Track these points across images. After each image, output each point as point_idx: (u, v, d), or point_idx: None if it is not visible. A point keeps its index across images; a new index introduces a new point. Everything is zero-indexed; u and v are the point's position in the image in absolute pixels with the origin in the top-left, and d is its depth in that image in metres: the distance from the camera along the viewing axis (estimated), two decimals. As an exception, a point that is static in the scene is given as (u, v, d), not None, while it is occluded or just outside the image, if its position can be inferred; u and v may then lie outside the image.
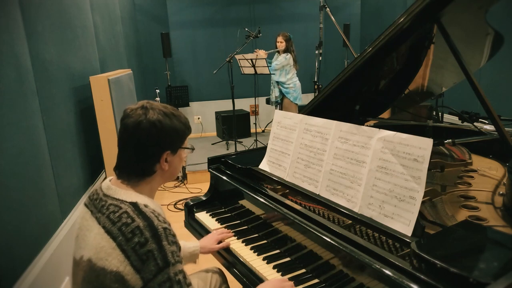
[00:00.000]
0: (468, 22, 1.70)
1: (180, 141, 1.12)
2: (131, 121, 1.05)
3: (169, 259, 0.96)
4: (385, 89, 2.07)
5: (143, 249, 0.95)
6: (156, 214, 1.02)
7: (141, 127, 1.04)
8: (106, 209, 1.03)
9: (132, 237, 0.95)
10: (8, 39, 1.81)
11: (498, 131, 1.36)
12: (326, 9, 4.03)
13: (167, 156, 1.09)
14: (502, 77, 3.72)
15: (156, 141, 1.06)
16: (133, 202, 1.02)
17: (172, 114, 1.09)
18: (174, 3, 6.02)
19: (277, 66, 4.66)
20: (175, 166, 1.14)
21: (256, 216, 1.63)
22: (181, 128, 1.10)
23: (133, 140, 1.06)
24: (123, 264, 0.95)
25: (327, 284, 1.23)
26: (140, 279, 0.94)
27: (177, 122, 1.09)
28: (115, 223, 0.98)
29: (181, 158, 1.16)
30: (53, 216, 2.14)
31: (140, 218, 0.98)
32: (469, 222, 1.21)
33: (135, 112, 1.06)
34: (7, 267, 1.64)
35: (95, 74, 2.95)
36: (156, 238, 0.96)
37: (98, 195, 1.10)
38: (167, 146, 1.08)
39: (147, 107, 1.07)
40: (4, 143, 1.71)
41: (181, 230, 1.96)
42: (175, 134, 1.08)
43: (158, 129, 1.05)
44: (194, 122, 6.43)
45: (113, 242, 0.97)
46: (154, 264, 0.94)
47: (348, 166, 1.35)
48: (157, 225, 0.98)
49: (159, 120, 1.05)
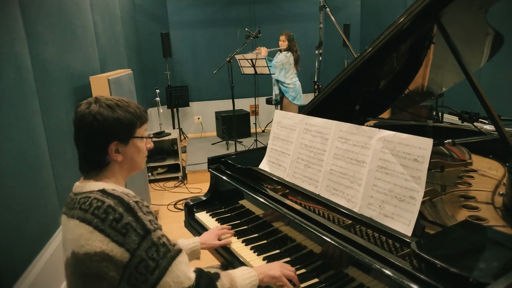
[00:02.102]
0: (468, 22, 1.70)
1: (129, 131, 1.12)
2: (77, 117, 1.09)
3: (148, 226, 1.00)
4: (385, 89, 2.07)
5: (120, 223, 0.98)
6: (125, 193, 1.05)
7: (84, 120, 1.07)
8: (78, 203, 1.06)
9: (107, 216, 0.98)
10: (8, 39, 1.82)
11: (498, 131, 1.36)
12: (326, 9, 4.03)
13: (116, 146, 1.10)
14: (502, 77, 3.72)
15: (99, 132, 1.08)
16: (101, 189, 1.06)
17: (117, 105, 1.10)
18: (174, 3, 6.02)
19: (277, 64, 4.66)
20: (131, 156, 1.14)
21: (256, 216, 1.63)
22: (127, 118, 1.10)
23: (81, 134, 1.10)
24: (104, 242, 0.97)
25: (327, 284, 1.23)
26: (126, 251, 0.97)
27: (121, 112, 1.09)
28: (87, 211, 1.02)
29: (138, 148, 1.16)
30: (53, 216, 2.14)
31: (109, 198, 1.02)
32: (469, 222, 1.21)
33: (80, 108, 1.10)
34: (7, 267, 1.64)
35: (95, 74, 2.95)
36: (130, 210, 1.00)
37: (70, 198, 1.13)
38: (112, 137, 1.09)
39: (91, 102, 1.10)
40: (4, 143, 1.71)
41: (181, 230, 1.96)
42: (118, 124, 1.09)
43: (100, 121, 1.06)
44: (194, 122, 6.44)
45: (89, 227, 0.99)
46: (135, 234, 0.97)
47: (348, 166, 1.35)
48: (127, 200, 1.02)
49: (100, 112, 1.07)
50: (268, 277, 1.21)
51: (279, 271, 1.22)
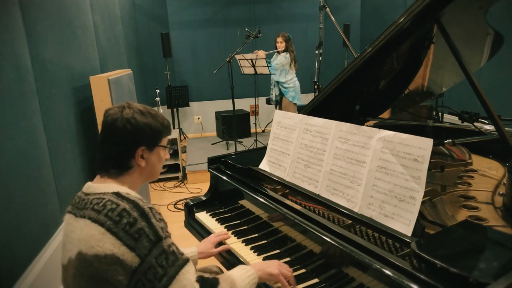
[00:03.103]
0: (468, 22, 1.70)
1: (157, 139, 1.16)
2: (108, 119, 1.12)
3: (160, 234, 1.00)
4: (385, 89, 2.07)
5: (133, 228, 0.98)
6: (139, 198, 1.06)
7: (116, 123, 1.10)
8: (90, 203, 1.06)
9: (121, 219, 0.98)
10: (8, 39, 1.82)
11: (498, 131, 1.36)
12: (326, 9, 4.03)
13: (142, 152, 1.13)
14: (502, 77, 3.73)
15: (131, 136, 1.11)
16: (115, 192, 1.06)
17: (148, 113, 1.14)
18: (174, 3, 6.02)
19: (277, 66, 4.68)
20: (152, 163, 1.17)
21: (256, 216, 1.63)
22: (157, 126, 1.15)
23: (110, 136, 1.12)
24: (116, 245, 0.97)
25: (327, 284, 1.23)
26: (137, 256, 0.97)
27: (152, 120, 1.14)
28: (100, 212, 1.01)
29: (160, 157, 1.19)
30: (53, 216, 2.14)
31: (125, 201, 1.02)
32: (469, 222, 1.21)
33: (113, 111, 1.13)
34: (7, 267, 1.64)
35: (95, 74, 2.95)
36: (144, 216, 1.00)
37: (79, 197, 1.13)
38: (142, 142, 1.12)
39: (124, 107, 1.13)
40: (4, 143, 1.71)
41: (181, 230, 1.96)
42: (149, 130, 1.13)
43: (133, 125, 1.10)
44: (194, 122, 6.44)
45: (102, 228, 0.99)
46: (147, 240, 0.98)
47: (348, 166, 1.35)
48: (142, 206, 1.02)
49: (134, 117, 1.11)
50: (266, 274, 1.21)
51: (277, 269, 1.22)
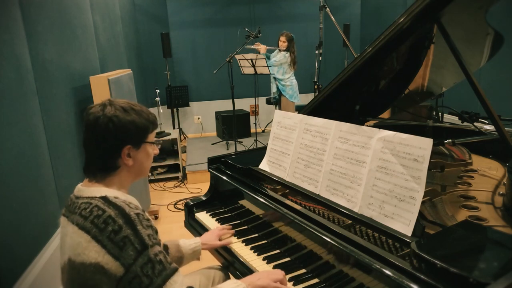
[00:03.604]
0: (468, 22, 1.70)
1: (142, 135, 1.12)
2: (89, 118, 1.08)
3: (146, 241, 0.98)
4: (385, 89, 2.07)
5: (118, 236, 0.96)
6: (127, 202, 1.03)
7: (98, 122, 1.06)
8: (78, 208, 1.05)
9: (106, 227, 0.97)
10: (8, 39, 1.82)
11: (498, 131, 1.36)
12: (326, 9, 4.03)
13: (128, 150, 1.10)
14: (502, 77, 3.73)
15: (115, 135, 1.07)
16: (103, 196, 1.04)
17: (131, 109, 1.10)
18: (174, 3, 6.02)
19: (275, 63, 4.73)
20: (140, 161, 1.14)
21: (256, 216, 1.63)
22: (142, 122, 1.11)
23: (93, 136, 1.08)
24: (100, 254, 0.95)
25: (327, 284, 1.23)
26: (121, 266, 0.95)
27: (136, 116, 1.09)
28: (87, 218, 1.00)
29: (148, 153, 1.16)
30: (53, 216, 2.14)
31: (110, 208, 1.00)
32: (469, 222, 1.21)
33: (94, 109, 1.08)
34: (7, 267, 1.64)
35: (95, 74, 2.95)
36: (130, 223, 0.98)
37: (71, 200, 1.12)
38: (126, 140, 1.09)
39: (105, 104, 1.09)
40: (4, 143, 1.71)
41: (181, 230, 1.96)
42: (134, 128, 1.09)
43: (115, 124, 1.06)
44: (194, 122, 6.44)
45: (87, 236, 0.98)
46: (132, 248, 0.96)
47: (348, 166, 1.35)
48: (128, 212, 1.00)
49: (116, 115, 1.06)
50: (257, 287, 1.18)
51: (267, 280, 1.19)
